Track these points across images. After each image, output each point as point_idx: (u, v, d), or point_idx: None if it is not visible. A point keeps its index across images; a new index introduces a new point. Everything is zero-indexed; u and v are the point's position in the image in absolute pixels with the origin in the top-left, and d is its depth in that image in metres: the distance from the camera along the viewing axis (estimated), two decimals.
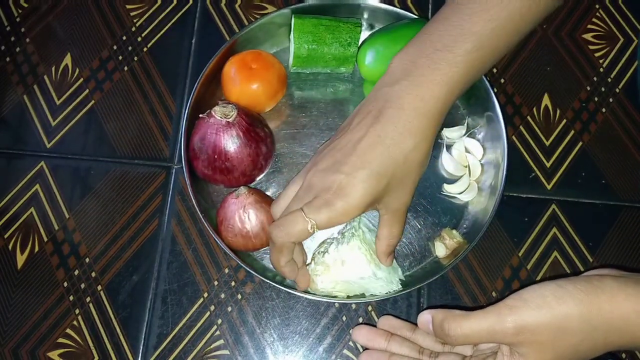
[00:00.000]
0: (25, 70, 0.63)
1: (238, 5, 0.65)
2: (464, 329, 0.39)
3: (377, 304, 0.56)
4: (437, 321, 0.41)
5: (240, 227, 0.51)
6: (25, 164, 0.60)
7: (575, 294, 0.38)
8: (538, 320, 0.38)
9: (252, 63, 0.55)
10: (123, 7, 0.65)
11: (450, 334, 0.40)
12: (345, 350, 0.55)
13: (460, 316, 0.40)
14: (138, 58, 0.63)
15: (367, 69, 0.56)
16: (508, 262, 0.57)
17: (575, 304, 0.37)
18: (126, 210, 0.58)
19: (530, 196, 0.59)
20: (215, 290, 0.56)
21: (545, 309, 0.38)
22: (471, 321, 0.39)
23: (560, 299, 0.38)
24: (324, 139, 0.59)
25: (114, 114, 0.61)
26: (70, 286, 0.56)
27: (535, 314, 0.38)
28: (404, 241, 0.57)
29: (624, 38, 0.64)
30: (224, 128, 0.51)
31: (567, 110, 0.62)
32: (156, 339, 0.55)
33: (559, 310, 0.37)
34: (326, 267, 0.52)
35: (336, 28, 0.57)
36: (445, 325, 0.40)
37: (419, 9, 0.65)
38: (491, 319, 0.39)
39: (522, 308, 0.38)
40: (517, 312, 0.38)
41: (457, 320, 0.40)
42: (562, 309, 0.37)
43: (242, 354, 0.55)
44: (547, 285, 0.39)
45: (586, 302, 0.37)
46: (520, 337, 0.38)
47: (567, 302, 0.38)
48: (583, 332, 0.38)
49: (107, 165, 0.60)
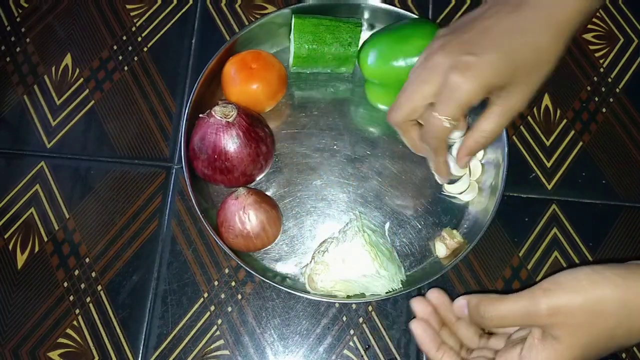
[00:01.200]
0: (25, 70, 0.63)
1: (238, 5, 0.65)
2: (499, 310, 0.40)
3: (377, 303, 0.56)
4: (473, 305, 0.41)
5: (240, 228, 0.51)
6: (25, 164, 0.60)
7: (612, 278, 0.38)
8: (572, 302, 0.37)
9: (252, 63, 0.55)
10: (123, 7, 0.65)
11: (485, 315, 0.40)
12: (346, 350, 0.55)
13: (494, 299, 0.40)
14: (138, 58, 0.63)
15: (369, 69, 0.56)
16: (508, 262, 0.57)
17: (611, 288, 0.37)
18: (126, 210, 0.58)
19: (530, 196, 0.59)
20: (215, 291, 0.56)
21: (579, 292, 0.37)
22: (505, 303, 0.39)
23: (595, 283, 0.37)
24: (324, 139, 0.59)
25: (114, 114, 0.61)
26: (70, 286, 0.56)
27: (569, 296, 0.38)
28: (404, 241, 0.57)
29: (624, 38, 0.64)
30: (224, 128, 0.51)
31: (568, 110, 0.62)
32: (156, 339, 0.55)
33: (593, 294, 0.37)
34: (326, 266, 0.52)
35: (336, 28, 0.57)
36: (481, 307, 0.40)
37: (419, 9, 0.65)
38: (525, 302, 0.39)
39: (556, 291, 0.38)
40: (550, 295, 0.38)
41: (492, 302, 0.40)
42: (596, 292, 0.37)
43: (242, 354, 0.54)
44: (582, 269, 0.39)
45: (623, 287, 0.37)
46: (554, 319, 0.38)
47: (603, 286, 0.37)
48: (619, 317, 0.37)
49: (107, 165, 0.60)
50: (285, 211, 0.57)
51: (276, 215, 0.54)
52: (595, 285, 0.37)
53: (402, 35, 0.54)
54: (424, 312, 0.46)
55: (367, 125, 0.60)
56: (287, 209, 0.57)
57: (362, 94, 0.60)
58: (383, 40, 0.55)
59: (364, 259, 0.51)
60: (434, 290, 0.47)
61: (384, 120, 0.60)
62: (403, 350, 0.55)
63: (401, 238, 0.57)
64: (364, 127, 0.60)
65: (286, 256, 0.56)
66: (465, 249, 0.52)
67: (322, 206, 0.58)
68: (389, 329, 0.55)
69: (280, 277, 0.55)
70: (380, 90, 0.57)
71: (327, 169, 0.59)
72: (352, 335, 0.55)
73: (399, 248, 0.56)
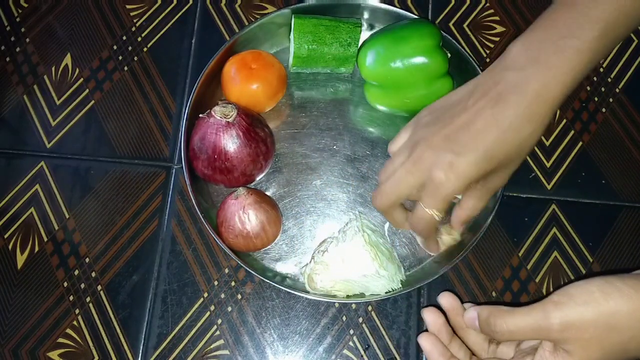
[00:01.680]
0: (25, 70, 0.63)
1: (238, 5, 0.65)
2: (509, 324, 0.39)
3: (377, 303, 0.56)
4: (483, 317, 0.41)
5: (240, 228, 0.51)
6: (25, 164, 0.60)
7: (625, 290, 0.37)
8: (584, 316, 0.37)
9: (252, 63, 0.55)
10: (123, 7, 0.65)
11: (496, 329, 0.40)
12: (345, 350, 0.55)
13: (505, 312, 0.40)
14: (138, 58, 0.63)
15: (367, 70, 0.56)
16: (508, 262, 0.57)
17: (624, 301, 0.37)
18: (126, 210, 0.58)
19: (530, 196, 0.59)
20: (215, 290, 0.56)
21: (592, 305, 0.37)
22: (516, 317, 0.39)
23: (608, 295, 0.37)
24: (324, 139, 0.59)
25: (114, 114, 0.61)
26: (70, 286, 0.56)
27: (581, 310, 0.37)
28: (404, 241, 0.57)
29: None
30: (224, 128, 0.51)
31: (567, 110, 0.62)
32: (156, 339, 0.55)
33: (606, 307, 0.37)
34: (326, 266, 0.52)
35: (336, 28, 0.57)
36: (492, 320, 0.40)
37: (419, 9, 0.65)
38: (536, 315, 0.38)
39: (567, 304, 0.37)
40: (562, 308, 0.37)
41: (503, 316, 0.40)
42: (609, 305, 0.37)
43: (242, 354, 0.55)
44: (594, 281, 0.38)
45: (635, 299, 0.37)
46: (566, 334, 0.37)
47: (615, 299, 0.37)
48: (632, 330, 0.37)
49: (107, 165, 0.60)
50: (285, 211, 0.57)
51: (276, 215, 0.54)
52: (608, 298, 0.37)
53: (401, 36, 0.54)
54: (435, 325, 0.46)
55: (366, 125, 0.60)
56: (287, 209, 0.57)
57: (361, 94, 0.60)
58: (381, 41, 0.55)
59: (364, 259, 0.51)
60: (445, 294, 0.47)
61: (383, 120, 0.60)
62: (403, 350, 0.55)
63: (401, 238, 0.57)
64: (364, 127, 0.60)
65: (286, 256, 0.56)
66: (465, 249, 0.52)
67: (322, 206, 0.58)
68: (389, 329, 0.55)
69: (280, 277, 0.55)
70: (379, 91, 0.57)
71: (327, 169, 0.59)
72: (352, 335, 0.55)
73: (399, 248, 0.56)
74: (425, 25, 0.54)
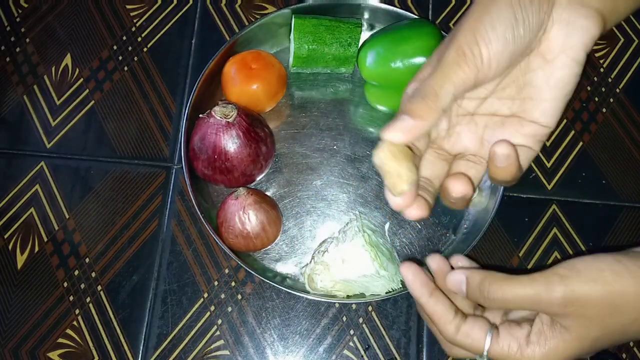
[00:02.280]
0: (25, 70, 0.63)
1: (238, 5, 0.65)
2: (506, 292, 0.36)
3: (377, 304, 0.56)
4: (475, 282, 0.38)
5: (240, 228, 0.51)
6: (25, 164, 0.60)
7: (635, 270, 0.35)
8: (591, 294, 0.35)
9: (252, 63, 0.55)
10: (123, 7, 0.65)
11: (489, 296, 0.37)
12: (346, 350, 0.55)
13: (502, 279, 0.37)
14: (138, 58, 0.63)
15: (367, 70, 0.56)
16: (508, 262, 0.57)
17: (634, 282, 0.35)
18: (126, 210, 0.58)
19: (530, 196, 0.59)
20: (215, 291, 0.56)
21: (600, 284, 0.35)
22: (515, 285, 0.36)
23: (618, 275, 0.35)
24: (324, 139, 0.59)
25: (114, 114, 0.61)
26: (70, 286, 0.56)
27: (588, 287, 0.35)
28: (404, 241, 0.57)
29: (624, 38, 0.64)
30: (224, 128, 0.51)
31: (568, 111, 0.62)
32: (156, 339, 0.55)
33: (615, 287, 0.35)
34: (326, 266, 0.52)
35: (336, 28, 0.57)
36: (486, 286, 0.37)
37: (419, 9, 0.65)
38: (538, 286, 0.35)
39: (574, 279, 0.35)
40: (568, 283, 0.35)
41: (499, 282, 0.36)
42: (618, 285, 0.35)
43: (242, 354, 0.54)
44: (604, 258, 0.36)
45: None
46: (568, 309, 0.35)
47: (626, 279, 0.34)
48: (636, 312, 0.35)
49: (107, 165, 0.60)
50: (285, 211, 0.57)
51: (276, 215, 0.54)
52: (618, 277, 0.35)
53: (401, 36, 0.54)
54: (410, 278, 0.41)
55: (366, 125, 0.60)
56: (287, 209, 0.57)
57: (362, 94, 0.60)
58: (381, 41, 0.55)
59: (364, 259, 0.51)
60: (434, 256, 0.42)
61: (383, 120, 0.60)
62: (403, 350, 0.55)
63: (401, 238, 0.57)
64: (364, 127, 0.60)
65: (286, 256, 0.56)
66: (466, 250, 0.52)
67: (322, 206, 0.58)
68: (389, 329, 0.55)
69: (280, 277, 0.55)
70: (379, 91, 0.57)
71: (327, 169, 0.59)
72: (352, 335, 0.55)
73: (399, 248, 0.56)
74: (426, 25, 0.54)
